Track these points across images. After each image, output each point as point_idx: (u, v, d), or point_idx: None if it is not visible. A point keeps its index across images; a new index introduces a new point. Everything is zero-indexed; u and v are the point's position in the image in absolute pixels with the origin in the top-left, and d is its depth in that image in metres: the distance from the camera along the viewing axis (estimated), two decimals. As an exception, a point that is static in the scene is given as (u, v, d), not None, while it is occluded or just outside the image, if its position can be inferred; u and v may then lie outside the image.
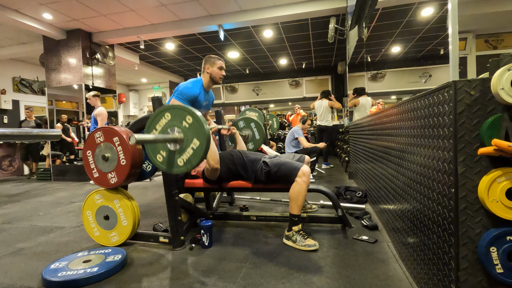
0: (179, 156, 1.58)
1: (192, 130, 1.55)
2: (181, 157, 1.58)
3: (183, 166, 1.58)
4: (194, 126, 1.54)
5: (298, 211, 1.87)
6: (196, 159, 1.54)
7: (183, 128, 1.56)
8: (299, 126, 4.76)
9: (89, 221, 1.99)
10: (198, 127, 1.53)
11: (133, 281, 1.49)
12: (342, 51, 7.05)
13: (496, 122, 0.88)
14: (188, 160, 1.56)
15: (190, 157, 1.55)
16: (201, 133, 1.52)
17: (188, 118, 1.55)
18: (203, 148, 1.52)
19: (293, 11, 4.74)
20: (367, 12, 3.05)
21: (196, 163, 1.54)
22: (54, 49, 5.57)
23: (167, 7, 4.68)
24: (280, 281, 1.42)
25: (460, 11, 0.98)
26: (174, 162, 1.60)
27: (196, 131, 1.54)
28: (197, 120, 1.54)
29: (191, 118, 1.55)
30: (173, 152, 1.60)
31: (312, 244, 1.81)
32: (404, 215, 1.52)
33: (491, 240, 0.89)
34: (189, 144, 1.55)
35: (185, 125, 1.56)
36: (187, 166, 1.57)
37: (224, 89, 10.07)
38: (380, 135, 2.12)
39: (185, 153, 1.56)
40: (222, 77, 2.41)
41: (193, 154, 1.55)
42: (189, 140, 1.55)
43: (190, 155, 1.55)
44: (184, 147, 1.56)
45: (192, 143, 1.55)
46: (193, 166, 1.56)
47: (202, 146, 1.52)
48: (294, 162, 1.95)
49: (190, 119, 1.55)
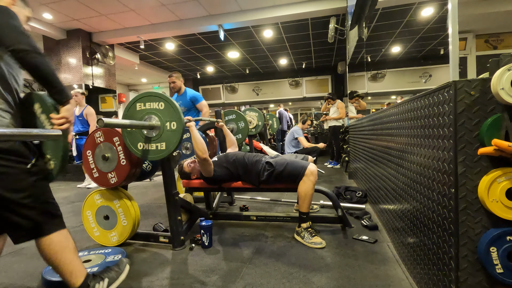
0: (158, 142, 1.67)
1: (166, 113, 1.63)
2: (160, 142, 1.66)
3: (163, 150, 1.66)
4: (167, 109, 1.63)
5: (306, 209, 1.90)
6: (174, 141, 1.62)
7: (158, 114, 1.65)
8: (299, 126, 4.76)
9: (89, 221, 1.99)
10: (171, 109, 1.62)
11: (133, 281, 1.49)
12: (342, 51, 7.05)
13: (496, 122, 0.88)
14: (167, 144, 1.64)
15: (168, 141, 1.63)
16: (175, 115, 1.61)
17: (160, 104, 1.64)
18: (179, 129, 1.61)
19: (293, 11, 4.74)
20: (367, 12, 3.05)
21: (176, 145, 1.62)
22: (54, 49, 5.57)
23: (167, 7, 4.68)
24: (280, 281, 1.42)
25: (460, 11, 0.98)
26: (154, 149, 1.68)
27: (170, 114, 1.62)
28: (169, 103, 1.63)
29: (164, 102, 1.63)
30: (149, 139, 1.68)
31: (318, 242, 1.82)
32: (404, 215, 1.52)
33: (491, 240, 0.89)
34: (165, 128, 1.64)
35: (159, 110, 1.65)
36: (166, 150, 1.65)
37: (224, 89, 10.07)
38: (380, 135, 2.12)
39: (163, 137, 1.65)
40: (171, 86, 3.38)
41: (171, 136, 1.63)
42: (165, 124, 1.63)
43: (168, 138, 1.63)
44: (162, 131, 1.65)
45: (168, 125, 1.63)
46: (171, 149, 1.64)
47: (178, 127, 1.61)
48: (300, 161, 1.95)
49: (162, 104, 1.64)
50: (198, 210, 2.23)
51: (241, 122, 3.34)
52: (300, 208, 1.93)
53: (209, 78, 9.98)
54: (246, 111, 4.39)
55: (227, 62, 8.20)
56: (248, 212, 2.62)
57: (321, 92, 9.00)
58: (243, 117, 3.34)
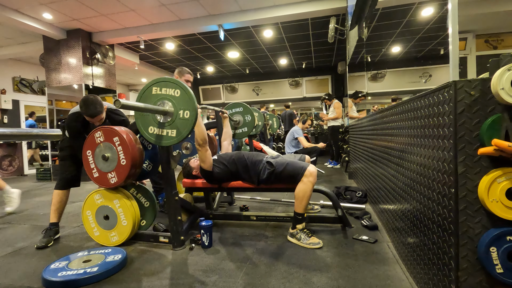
0: (169, 128, 1.65)
1: (181, 101, 1.61)
2: (172, 128, 1.64)
3: (174, 138, 1.65)
4: (183, 97, 1.61)
5: (302, 210, 1.89)
6: (186, 130, 1.61)
7: (172, 100, 1.63)
8: (299, 126, 4.76)
9: (89, 221, 1.99)
10: (187, 98, 1.60)
11: (133, 281, 1.49)
12: (342, 51, 7.05)
13: (496, 122, 0.88)
14: (179, 131, 1.62)
15: (180, 128, 1.62)
16: (190, 104, 1.59)
17: (176, 91, 1.62)
18: (192, 118, 1.59)
19: (293, 11, 4.74)
20: (367, 12, 3.05)
21: (187, 133, 1.61)
22: (54, 49, 5.56)
23: (167, 7, 4.68)
24: (280, 281, 1.42)
25: (460, 11, 0.98)
26: (164, 134, 1.67)
27: (185, 102, 1.60)
28: (185, 91, 1.61)
29: (180, 90, 1.62)
30: (162, 124, 1.66)
31: (316, 242, 1.82)
32: (404, 215, 1.52)
33: (491, 240, 0.89)
34: (178, 115, 1.62)
35: (174, 97, 1.63)
36: (177, 137, 1.63)
37: (224, 89, 10.07)
38: (380, 135, 2.12)
39: (175, 124, 1.63)
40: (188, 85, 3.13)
41: (183, 124, 1.61)
42: (178, 112, 1.62)
43: (180, 125, 1.62)
44: (174, 118, 1.63)
45: (181, 114, 1.61)
46: (183, 136, 1.62)
47: (191, 116, 1.59)
48: (300, 162, 1.95)
49: (178, 91, 1.62)
50: (198, 210, 2.24)
51: (247, 116, 3.30)
52: (296, 209, 1.91)
53: (209, 78, 9.97)
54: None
55: (227, 62, 8.20)
56: (248, 212, 2.62)
57: (321, 92, 8.99)
58: (250, 111, 3.29)
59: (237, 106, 3.36)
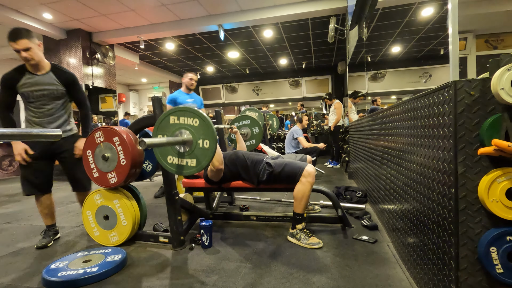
0: (189, 158, 1.61)
1: (200, 131, 1.57)
2: (191, 158, 1.60)
3: (194, 168, 1.60)
4: (202, 126, 1.57)
5: (302, 210, 1.89)
6: (206, 160, 1.57)
7: (191, 130, 1.59)
8: (298, 126, 4.75)
9: (89, 221, 1.99)
10: (206, 127, 1.56)
11: (133, 281, 1.49)
12: (342, 51, 7.05)
13: (496, 122, 0.88)
14: (198, 161, 1.58)
15: (200, 158, 1.58)
16: (209, 133, 1.55)
17: (195, 120, 1.58)
18: (212, 148, 1.54)
19: (293, 11, 4.74)
20: (367, 12, 3.05)
21: (206, 163, 1.57)
22: (54, 49, 5.57)
23: (167, 7, 4.68)
24: (280, 281, 1.42)
25: (460, 11, 0.98)
26: (184, 164, 1.63)
27: (204, 132, 1.56)
28: (204, 121, 1.56)
29: (198, 119, 1.57)
30: (182, 154, 1.62)
31: (316, 242, 1.82)
32: (404, 215, 1.52)
33: (491, 240, 0.89)
34: (198, 145, 1.58)
35: (193, 126, 1.58)
36: (197, 167, 1.59)
37: (224, 89, 10.07)
38: (380, 135, 2.12)
39: (194, 154, 1.59)
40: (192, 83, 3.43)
41: (202, 154, 1.57)
42: (197, 141, 1.58)
43: (199, 155, 1.58)
44: (193, 148, 1.58)
45: (200, 143, 1.57)
46: (203, 167, 1.58)
47: (211, 146, 1.55)
48: (298, 162, 1.95)
49: (197, 120, 1.58)
50: (198, 210, 2.23)
51: (255, 128, 3.26)
52: (295, 209, 1.91)
53: (209, 78, 9.98)
54: (246, 111, 4.39)
55: (227, 62, 8.20)
56: (248, 212, 2.62)
57: (321, 92, 9.00)
58: (258, 123, 3.25)
59: (244, 118, 3.32)
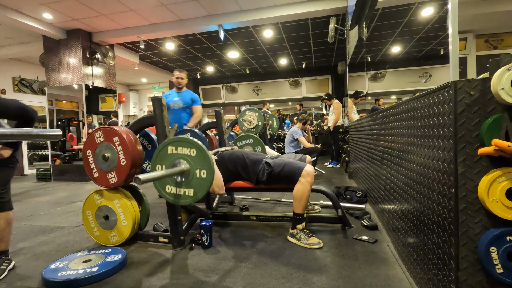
0: (186, 187, 1.62)
1: (197, 161, 1.59)
2: (189, 188, 1.62)
3: (191, 198, 1.62)
4: (199, 156, 1.58)
5: (302, 210, 1.89)
6: (203, 190, 1.58)
7: (189, 160, 1.60)
8: (298, 126, 4.73)
9: (89, 221, 1.99)
10: (202, 157, 1.58)
11: (133, 281, 1.49)
12: (342, 51, 7.05)
13: (496, 122, 0.88)
14: (195, 191, 1.60)
15: (197, 188, 1.59)
16: (206, 163, 1.57)
17: (192, 150, 1.60)
18: (209, 178, 1.56)
19: (293, 11, 4.74)
20: (367, 12, 3.05)
21: (203, 193, 1.58)
22: (54, 49, 5.56)
23: (167, 7, 4.68)
24: (280, 281, 1.42)
25: (460, 11, 0.98)
26: (182, 194, 1.64)
27: (201, 162, 1.58)
28: (201, 151, 1.58)
29: (196, 149, 1.59)
30: (180, 184, 1.64)
31: (316, 242, 1.82)
32: (404, 215, 1.52)
33: (491, 240, 0.89)
34: (195, 175, 1.59)
35: (190, 156, 1.60)
36: (194, 197, 1.61)
37: (224, 89, 10.07)
38: (380, 135, 2.12)
39: (192, 184, 1.61)
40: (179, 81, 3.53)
41: (200, 184, 1.59)
42: (195, 171, 1.59)
43: (196, 185, 1.60)
44: (191, 178, 1.60)
45: (198, 173, 1.59)
46: (199, 197, 1.60)
47: (208, 176, 1.56)
48: (297, 162, 1.95)
49: (194, 150, 1.59)
50: (198, 210, 2.24)
51: (258, 147, 3.32)
52: (295, 209, 1.91)
53: (209, 78, 9.97)
54: (246, 111, 4.39)
55: (227, 62, 8.19)
56: (248, 212, 2.62)
57: (321, 92, 8.99)
58: (260, 142, 3.32)
59: (247, 138, 3.37)
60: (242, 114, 4.38)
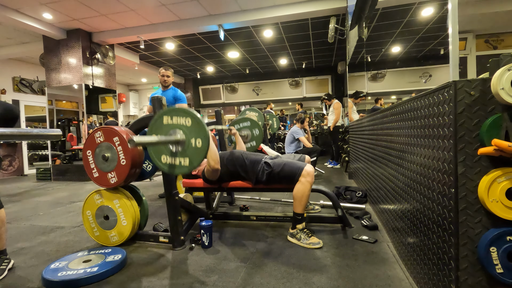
0: (181, 157, 1.63)
1: (192, 130, 1.59)
2: (184, 157, 1.62)
3: (186, 167, 1.62)
4: (194, 125, 1.59)
5: (302, 210, 1.89)
6: (198, 159, 1.58)
7: (184, 129, 1.60)
8: (298, 126, 4.73)
9: (89, 221, 1.99)
10: (198, 126, 1.58)
11: (133, 281, 1.49)
12: (342, 51, 7.05)
13: (496, 122, 0.88)
14: (190, 160, 1.60)
15: (193, 157, 1.59)
16: (201, 132, 1.57)
17: (187, 120, 1.60)
18: (205, 147, 1.56)
19: (293, 11, 4.74)
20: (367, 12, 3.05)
21: (198, 162, 1.59)
22: (54, 49, 5.57)
23: (167, 7, 4.68)
24: (280, 281, 1.42)
25: (460, 11, 0.98)
26: (177, 164, 1.65)
27: (196, 131, 1.58)
28: (196, 120, 1.58)
29: (191, 118, 1.59)
30: (175, 154, 1.64)
31: (316, 242, 1.82)
32: (404, 215, 1.52)
33: (491, 240, 0.89)
34: (190, 144, 1.59)
35: (185, 126, 1.60)
36: (189, 167, 1.61)
37: (224, 89, 10.07)
38: (380, 135, 2.12)
39: (187, 153, 1.61)
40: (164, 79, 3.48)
41: (195, 153, 1.59)
42: (190, 140, 1.60)
43: (192, 154, 1.59)
44: (186, 148, 1.61)
45: (193, 142, 1.59)
46: (194, 166, 1.60)
47: (204, 144, 1.57)
48: (297, 162, 1.94)
49: (189, 120, 1.59)
50: (198, 210, 2.23)
51: (255, 129, 3.28)
52: (295, 209, 1.91)
53: (209, 78, 9.97)
54: (246, 111, 4.39)
55: (227, 62, 8.20)
56: (248, 212, 2.62)
57: (321, 92, 8.99)
58: (258, 125, 3.27)
59: (244, 120, 3.33)
60: (242, 114, 4.38)
